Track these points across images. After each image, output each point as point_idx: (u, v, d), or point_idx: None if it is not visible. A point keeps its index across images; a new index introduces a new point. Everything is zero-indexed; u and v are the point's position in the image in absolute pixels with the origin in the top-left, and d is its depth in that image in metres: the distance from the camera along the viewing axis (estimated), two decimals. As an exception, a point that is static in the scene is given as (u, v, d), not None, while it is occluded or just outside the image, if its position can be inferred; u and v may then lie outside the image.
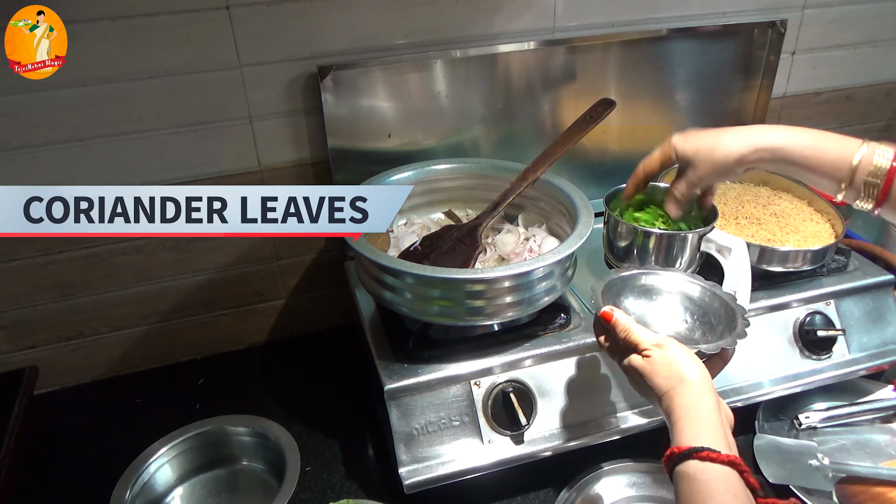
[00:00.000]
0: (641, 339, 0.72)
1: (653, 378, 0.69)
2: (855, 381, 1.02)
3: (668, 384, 0.68)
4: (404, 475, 0.83)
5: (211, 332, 1.18)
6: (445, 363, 0.87)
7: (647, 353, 0.71)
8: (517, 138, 1.15)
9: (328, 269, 1.19)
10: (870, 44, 1.35)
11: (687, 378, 0.67)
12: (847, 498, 0.87)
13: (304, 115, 1.05)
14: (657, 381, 0.69)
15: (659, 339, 0.71)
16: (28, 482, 0.95)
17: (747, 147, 0.80)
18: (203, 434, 0.95)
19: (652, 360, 0.70)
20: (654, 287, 0.86)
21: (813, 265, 1.01)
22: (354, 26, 1.01)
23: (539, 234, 1.01)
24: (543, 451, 0.87)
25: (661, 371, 0.69)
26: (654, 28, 1.15)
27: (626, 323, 0.74)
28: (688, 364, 0.68)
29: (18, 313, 1.05)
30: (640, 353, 0.71)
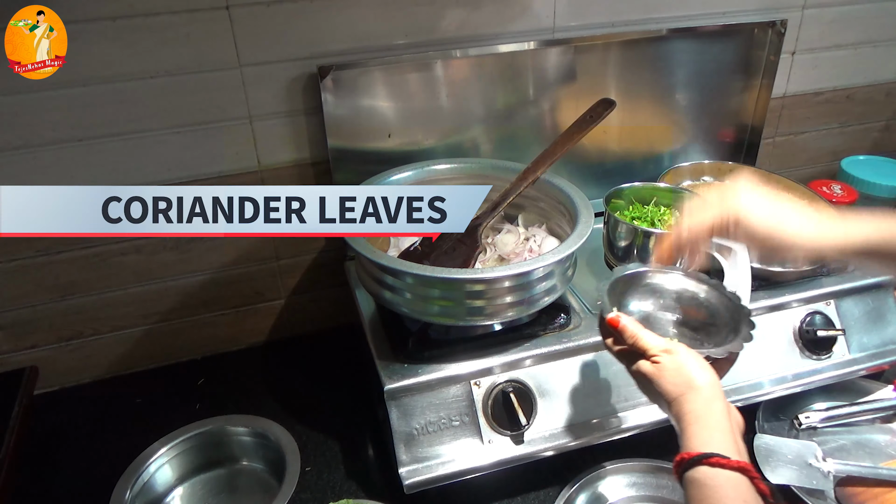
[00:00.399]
0: (650, 346, 0.71)
1: (662, 384, 0.68)
2: (855, 381, 1.02)
3: (677, 390, 0.67)
4: (404, 475, 0.83)
5: (211, 332, 1.18)
6: (445, 363, 0.87)
7: (657, 359, 0.70)
8: (517, 138, 1.15)
9: (328, 269, 1.19)
10: (870, 44, 1.35)
11: (696, 384, 0.67)
12: (847, 498, 0.87)
13: (304, 115, 1.05)
14: (667, 386, 0.68)
15: (668, 344, 0.71)
16: (28, 482, 0.95)
17: (830, 245, 0.69)
18: (203, 434, 0.95)
19: (661, 365, 0.69)
20: (659, 286, 0.85)
21: (813, 265, 1.01)
22: (354, 26, 1.01)
23: (539, 234, 1.01)
24: (543, 451, 0.87)
25: (670, 377, 0.68)
26: (654, 28, 1.15)
27: (633, 329, 0.72)
28: (697, 369, 0.68)
29: (18, 313, 1.05)
30: (648, 358, 0.71)
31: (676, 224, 0.77)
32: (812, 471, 0.88)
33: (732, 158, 1.31)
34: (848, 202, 1.27)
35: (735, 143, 1.32)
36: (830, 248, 0.69)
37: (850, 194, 1.28)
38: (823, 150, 1.46)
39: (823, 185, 1.31)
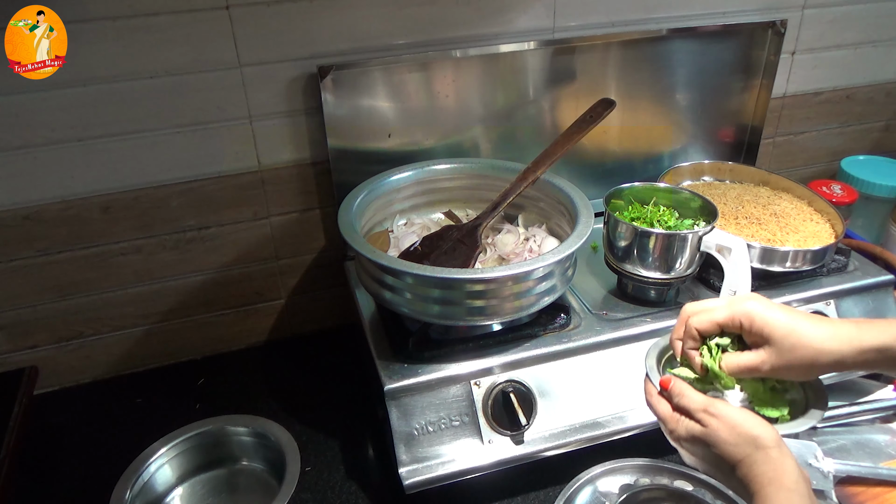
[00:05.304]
0: (697, 401, 0.65)
1: (721, 446, 0.62)
2: (855, 381, 1.02)
3: (740, 451, 0.61)
4: (404, 475, 0.83)
5: (211, 332, 1.18)
6: (445, 363, 0.87)
7: (705, 420, 0.64)
8: (517, 138, 1.15)
9: (328, 269, 1.19)
10: (870, 44, 1.35)
11: (763, 442, 0.61)
12: (847, 498, 0.87)
13: (304, 115, 1.05)
14: (727, 448, 0.61)
15: (713, 400, 0.65)
16: (28, 482, 0.95)
17: (849, 348, 0.63)
18: (203, 434, 0.95)
19: (715, 426, 0.63)
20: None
21: (813, 265, 1.01)
22: (354, 26, 1.01)
23: (539, 234, 1.01)
24: (543, 451, 0.87)
25: (728, 437, 0.62)
26: (654, 28, 1.15)
27: (681, 387, 0.67)
28: (759, 426, 0.62)
29: (18, 313, 1.05)
30: (695, 419, 0.64)
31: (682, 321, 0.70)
32: (812, 471, 0.88)
33: (732, 158, 1.31)
34: (848, 202, 1.27)
35: (735, 143, 1.32)
36: (849, 347, 0.63)
37: (850, 194, 1.28)
38: (823, 150, 1.46)
39: (823, 185, 1.31)
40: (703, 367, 0.68)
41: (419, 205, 1.09)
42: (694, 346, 0.69)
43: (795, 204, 1.14)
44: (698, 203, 1.00)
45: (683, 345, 0.70)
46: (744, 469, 0.61)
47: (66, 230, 1.01)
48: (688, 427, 0.65)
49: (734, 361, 0.66)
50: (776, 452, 0.60)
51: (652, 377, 0.70)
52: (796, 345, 0.63)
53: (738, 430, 0.62)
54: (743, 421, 0.62)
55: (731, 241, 0.90)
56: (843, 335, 0.63)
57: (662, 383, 0.68)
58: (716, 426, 0.63)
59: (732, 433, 0.62)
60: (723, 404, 0.64)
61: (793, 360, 0.64)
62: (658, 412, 0.69)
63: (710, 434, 0.63)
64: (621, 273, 0.98)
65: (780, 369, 0.64)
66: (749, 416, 0.63)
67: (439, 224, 1.07)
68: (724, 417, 0.63)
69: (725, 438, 0.62)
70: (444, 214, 1.10)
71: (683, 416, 0.66)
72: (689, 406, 0.65)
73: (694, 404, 0.65)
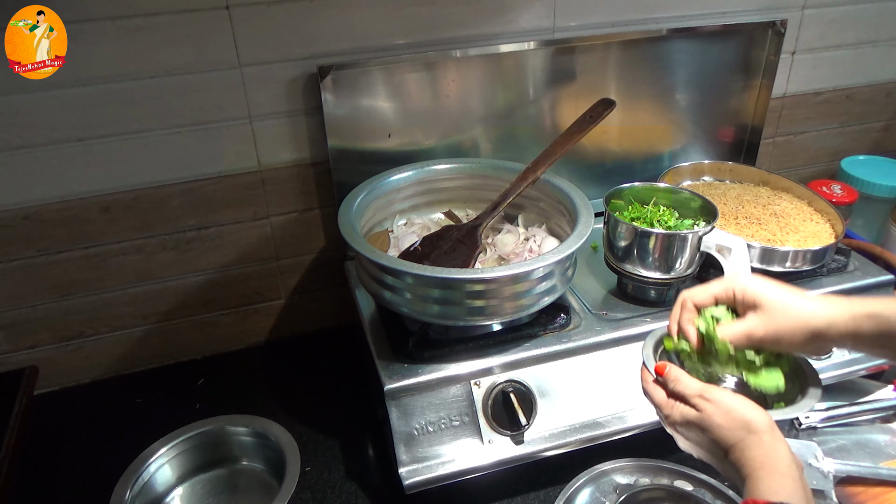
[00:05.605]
0: (691, 386, 0.65)
1: (714, 430, 0.62)
2: (855, 381, 1.02)
3: (734, 435, 0.62)
4: (404, 475, 0.83)
5: (211, 332, 1.18)
6: (445, 363, 0.87)
7: (699, 405, 0.64)
8: (517, 138, 1.15)
9: (328, 269, 1.19)
10: (870, 44, 1.35)
11: (755, 427, 0.61)
12: (847, 498, 0.87)
13: (304, 115, 1.05)
14: (720, 433, 0.62)
15: (708, 385, 0.65)
16: (28, 482, 0.95)
17: (840, 311, 0.64)
18: (203, 434, 0.95)
19: (708, 411, 0.63)
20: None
21: (813, 265, 1.01)
22: (354, 26, 1.01)
23: (539, 234, 1.01)
24: (543, 451, 0.87)
25: (722, 421, 0.62)
26: (654, 28, 1.15)
27: (675, 373, 0.67)
28: (752, 411, 0.62)
29: (18, 313, 1.05)
30: (691, 404, 0.65)
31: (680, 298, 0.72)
32: (812, 471, 0.88)
33: (732, 158, 1.31)
34: (848, 202, 1.27)
35: (735, 143, 1.32)
36: (840, 311, 0.64)
37: (850, 194, 1.28)
38: (823, 150, 1.46)
39: (823, 185, 1.31)
40: (700, 339, 0.69)
41: (419, 205, 1.09)
42: (690, 318, 0.70)
43: (795, 204, 1.14)
44: (698, 203, 1.00)
45: (680, 317, 0.71)
46: (736, 453, 0.61)
47: (65, 230, 1.01)
48: (682, 412, 0.65)
49: (729, 327, 0.68)
50: (768, 437, 0.61)
51: (648, 365, 0.71)
52: (788, 308, 0.65)
53: (731, 414, 0.62)
54: (737, 406, 0.63)
55: (731, 241, 0.90)
56: (834, 301, 0.65)
57: (658, 369, 0.69)
58: (710, 410, 0.63)
59: (726, 418, 0.62)
60: (717, 390, 0.65)
61: (785, 323, 0.65)
62: (654, 398, 0.69)
63: (705, 418, 0.63)
64: (621, 273, 0.98)
65: (773, 335, 0.66)
66: (743, 401, 0.63)
67: (439, 224, 1.07)
68: (718, 402, 0.63)
69: (719, 423, 0.62)
70: (444, 214, 1.10)
71: (678, 401, 0.66)
72: (684, 391, 0.66)
73: (689, 390, 0.65)
